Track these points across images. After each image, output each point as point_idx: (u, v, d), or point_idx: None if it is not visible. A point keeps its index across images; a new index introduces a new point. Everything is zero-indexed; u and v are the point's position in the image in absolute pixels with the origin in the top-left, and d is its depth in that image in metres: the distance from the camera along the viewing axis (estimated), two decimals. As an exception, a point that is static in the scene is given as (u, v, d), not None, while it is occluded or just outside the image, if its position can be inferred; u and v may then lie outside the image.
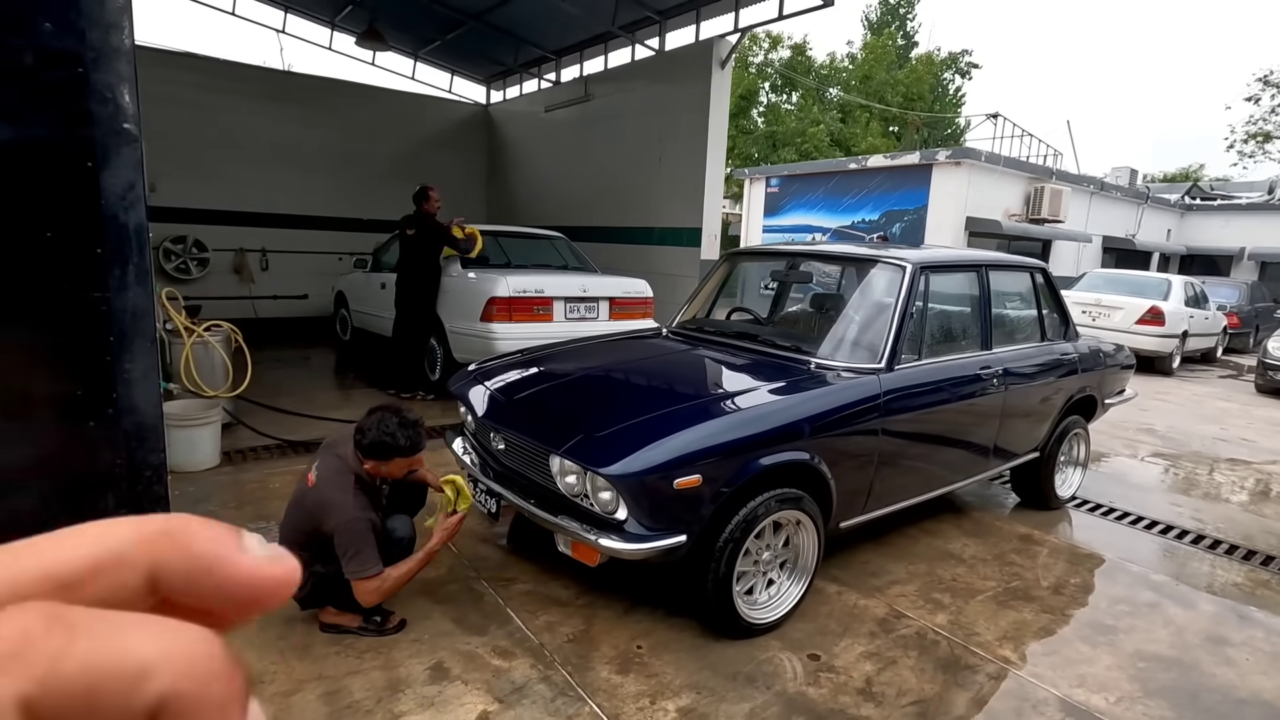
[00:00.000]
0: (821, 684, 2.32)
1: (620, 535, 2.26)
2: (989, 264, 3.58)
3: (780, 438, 2.48)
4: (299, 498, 2.35)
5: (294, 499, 2.38)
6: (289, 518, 2.37)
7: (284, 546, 0.58)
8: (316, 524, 2.26)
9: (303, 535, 2.29)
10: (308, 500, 2.29)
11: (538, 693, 2.18)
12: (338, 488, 2.25)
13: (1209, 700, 2.36)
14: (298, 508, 2.34)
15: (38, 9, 2.13)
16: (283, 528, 2.38)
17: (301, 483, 2.37)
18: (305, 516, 2.29)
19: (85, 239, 2.30)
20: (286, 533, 2.34)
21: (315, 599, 2.36)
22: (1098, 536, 3.78)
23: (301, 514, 2.31)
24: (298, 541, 2.27)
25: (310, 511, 2.28)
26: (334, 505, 2.23)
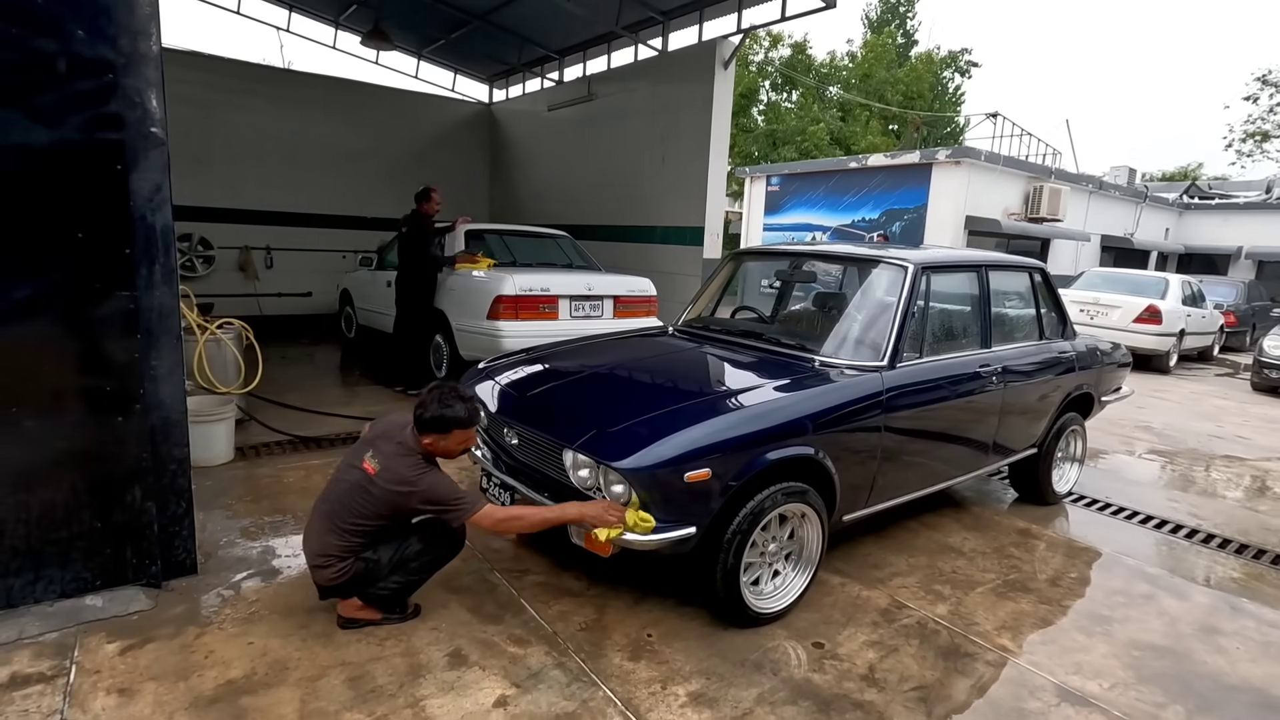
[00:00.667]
0: (826, 670, 2.40)
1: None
2: (989, 264, 3.65)
3: (786, 433, 2.56)
4: (359, 488, 2.36)
5: (346, 490, 2.39)
6: (344, 506, 2.37)
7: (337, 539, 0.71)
8: (396, 504, 2.34)
9: (367, 520, 2.36)
10: (378, 488, 2.33)
11: (553, 678, 2.26)
12: (410, 466, 2.35)
13: (1200, 687, 2.44)
14: (363, 497, 2.35)
15: (71, 16, 2.22)
16: (330, 516, 2.38)
17: (355, 473, 2.39)
18: (377, 501, 2.34)
19: (115, 239, 2.40)
20: (340, 520, 2.35)
21: (351, 588, 2.42)
22: (1094, 531, 3.86)
23: (371, 501, 2.34)
24: (356, 529, 2.35)
25: (385, 495, 2.33)
26: (413, 477, 2.33)
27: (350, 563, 2.37)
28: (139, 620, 2.45)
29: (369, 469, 2.37)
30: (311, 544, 2.42)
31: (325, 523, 2.39)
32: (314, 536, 2.41)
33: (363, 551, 2.38)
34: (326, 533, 2.37)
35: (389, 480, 2.33)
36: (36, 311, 2.33)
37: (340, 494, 2.40)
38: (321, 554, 2.38)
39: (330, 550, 2.37)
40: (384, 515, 2.37)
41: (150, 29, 2.37)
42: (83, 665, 2.19)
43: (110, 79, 2.32)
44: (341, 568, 2.37)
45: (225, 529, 3.20)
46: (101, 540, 2.52)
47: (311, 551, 2.42)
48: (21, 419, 2.33)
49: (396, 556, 2.42)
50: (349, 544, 2.36)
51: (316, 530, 2.41)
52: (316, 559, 2.40)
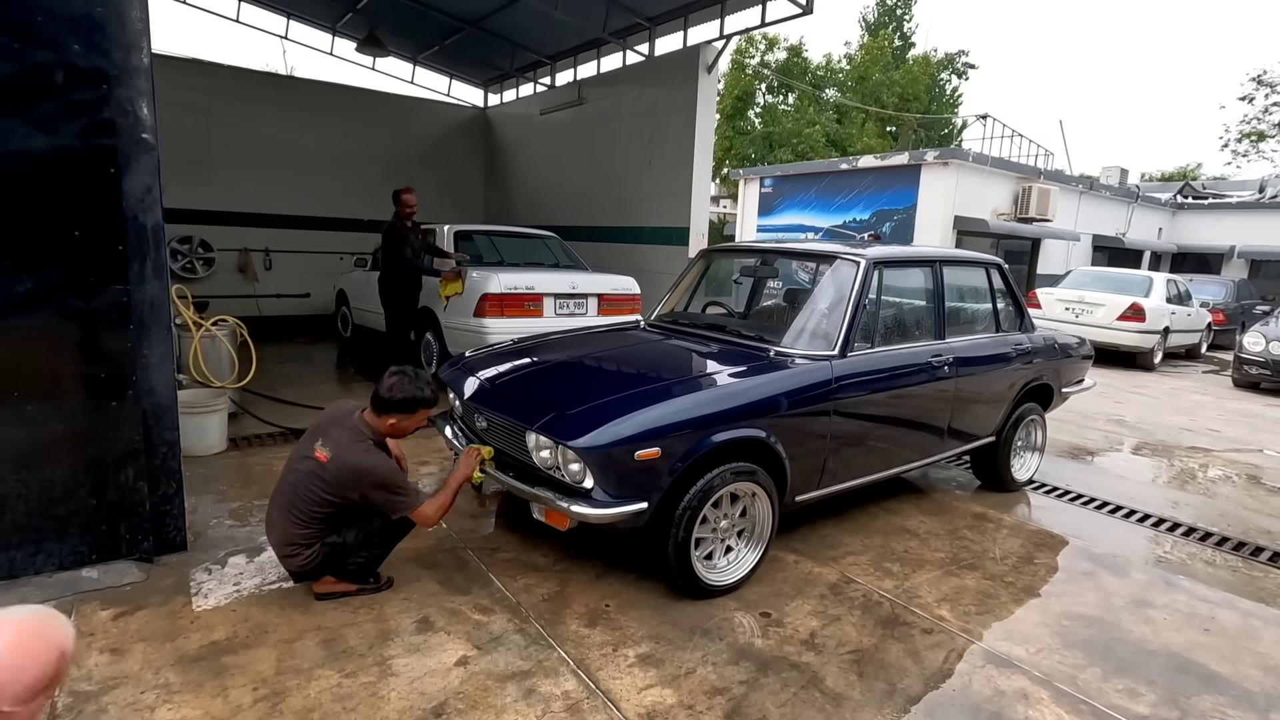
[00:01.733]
0: (769, 636, 2.57)
1: (588, 502, 2.51)
2: (943, 259, 3.83)
3: (734, 417, 2.73)
4: (313, 475, 2.48)
5: (300, 479, 2.50)
6: (300, 496, 2.48)
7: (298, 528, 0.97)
8: (346, 489, 2.47)
9: (324, 507, 2.49)
10: (329, 473, 2.46)
11: (512, 641, 2.44)
12: (362, 452, 2.50)
13: (1121, 651, 2.61)
14: (317, 485, 2.47)
15: (69, 32, 2.42)
16: (287, 508, 2.50)
17: (308, 462, 2.51)
18: (329, 487, 2.47)
19: (108, 237, 2.60)
20: (298, 510, 2.48)
21: (322, 570, 2.59)
22: (1050, 516, 4.02)
23: (323, 486, 2.47)
24: (315, 516, 2.50)
25: (338, 480, 2.46)
26: (366, 465, 2.48)
27: (317, 549, 2.53)
28: (131, 590, 2.64)
29: (321, 457, 2.49)
30: (275, 535, 2.57)
31: (284, 514, 2.52)
32: (276, 528, 2.57)
33: (327, 536, 2.52)
34: (288, 524, 2.51)
35: (341, 466, 2.46)
36: (37, 304, 2.52)
37: (295, 484, 2.51)
38: (287, 544, 2.53)
39: (294, 540, 2.51)
40: (338, 502, 2.50)
41: (141, 42, 2.56)
42: (79, 629, 2.38)
43: (104, 89, 2.52)
44: (309, 554, 2.53)
45: (215, 511, 3.39)
46: (97, 517, 2.71)
47: (277, 542, 2.57)
48: (23, 403, 2.53)
49: (362, 535, 2.58)
50: (311, 531, 2.51)
51: (278, 522, 2.55)
52: (283, 549, 2.55)
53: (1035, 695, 2.31)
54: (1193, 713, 2.27)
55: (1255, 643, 2.72)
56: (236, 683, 2.14)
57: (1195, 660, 2.58)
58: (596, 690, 2.21)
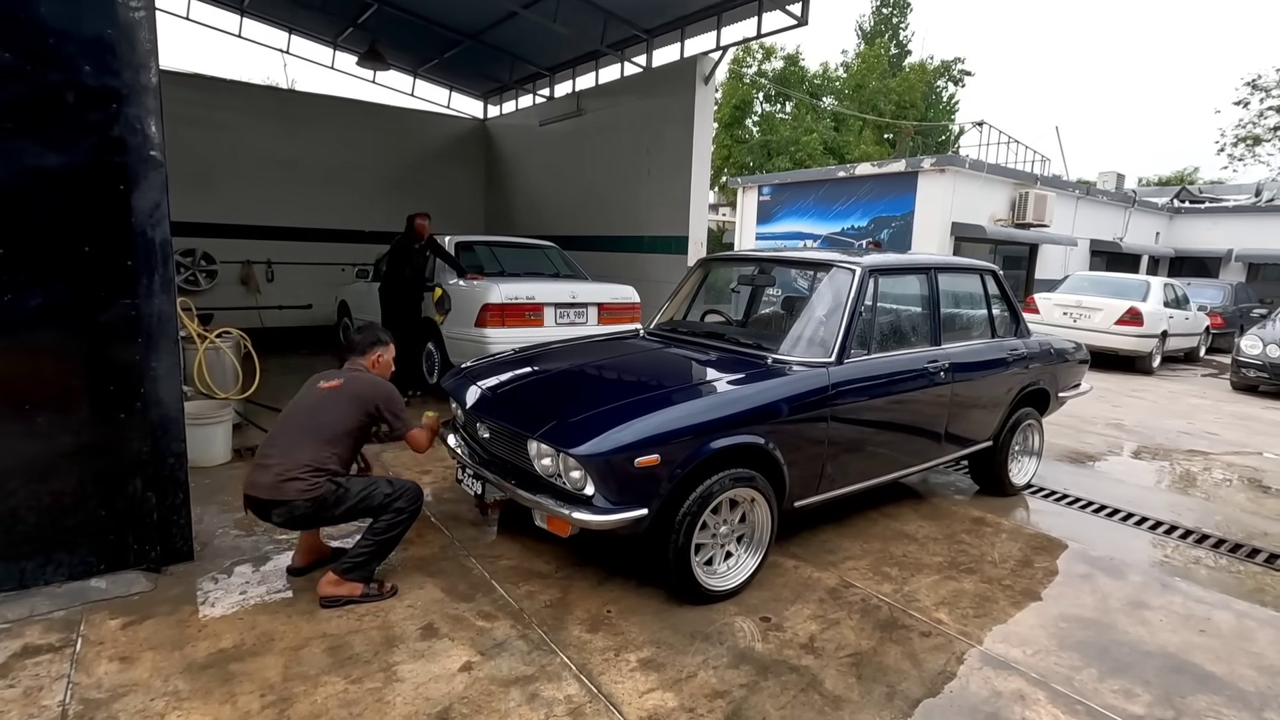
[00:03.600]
0: (769, 640, 2.61)
1: (588, 509, 2.55)
2: (938, 266, 3.87)
3: (734, 423, 2.78)
4: (331, 394, 2.77)
5: (318, 401, 2.77)
6: (322, 411, 2.73)
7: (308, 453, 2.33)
8: (364, 402, 2.77)
9: (346, 422, 2.73)
10: (345, 391, 2.78)
11: (515, 647, 2.48)
12: (370, 379, 2.89)
13: (1117, 652, 2.64)
14: (329, 405, 2.75)
15: (80, 54, 2.49)
16: (307, 429, 2.69)
17: (319, 392, 2.80)
18: (348, 400, 2.76)
19: (118, 252, 2.66)
20: (319, 430, 2.68)
21: (320, 513, 2.64)
22: (1048, 520, 4.05)
23: (342, 402, 2.75)
24: (336, 435, 2.70)
25: (355, 393, 2.78)
26: (379, 382, 2.90)
27: (323, 480, 2.61)
28: (139, 600, 2.68)
29: (333, 385, 2.80)
30: (280, 463, 2.60)
31: (301, 435, 2.67)
32: (283, 454, 2.63)
33: (336, 475, 2.66)
34: (295, 448, 2.63)
35: (357, 382, 2.82)
36: (48, 318, 2.57)
37: (312, 406, 2.76)
38: (293, 468, 2.58)
39: (304, 463, 2.60)
40: (349, 421, 2.74)
41: (150, 62, 2.63)
42: (88, 638, 2.42)
43: (114, 108, 2.58)
44: (314, 481, 2.59)
45: (221, 522, 3.43)
46: (106, 527, 2.75)
47: (281, 470, 2.58)
48: (34, 416, 2.57)
49: (365, 492, 2.69)
50: (319, 456, 2.63)
51: (286, 447, 2.64)
52: (287, 474, 2.57)
53: (1032, 696, 2.34)
54: (1187, 712, 2.30)
55: (1250, 643, 2.75)
56: (244, 689, 2.18)
57: (1190, 661, 2.60)
58: (599, 694, 2.24)
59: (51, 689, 2.15)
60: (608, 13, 7.78)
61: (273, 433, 2.76)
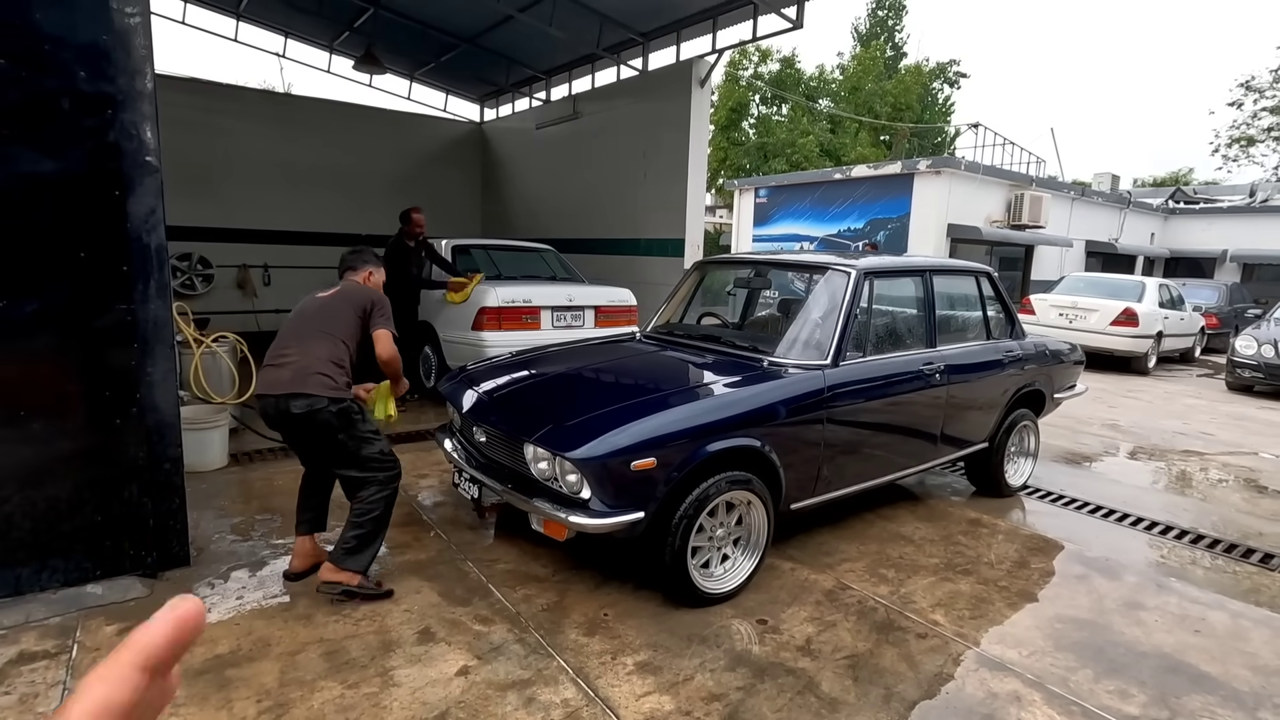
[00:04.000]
0: (766, 643, 2.61)
1: (585, 512, 2.56)
2: (933, 269, 3.89)
3: (730, 426, 2.78)
4: (329, 302, 2.92)
5: (323, 304, 2.92)
6: (329, 312, 2.88)
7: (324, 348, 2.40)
8: (357, 305, 2.91)
9: (351, 322, 2.87)
10: (343, 297, 2.94)
11: (512, 651, 2.48)
12: (362, 287, 3.05)
13: (1113, 653, 2.65)
14: (333, 308, 2.89)
15: (75, 60, 2.49)
16: (320, 330, 2.81)
17: (322, 299, 2.95)
18: (344, 306, 2.90)
19: (113, 258, 2.66)
20: (332, 327, 2.82)
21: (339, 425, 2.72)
22: (1044, 520, 4.06)
23: (342, 307, 2.90)
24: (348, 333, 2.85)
25: (349, 300, 2.92)
26: (368, 289, 3.04)
27: (342, 379, 2.75)
28: (135, 606, 2.67)
29: (330, 293, 2.97)
30: (292, 367, 2.70)
31: (305, 339, 2.78)
32: (293, 359, 2.72)
33: (345, 389, 2.75)
34: (311, 345, 2.75)
35: (350, 290, 2.98)
36: (44, 324, 2.57)
37: (313, 312, 2.90)
38: (309, 366, 2.69)
39: (319, 357, 2.72)
40: (349, 324, 2.87)
41: (145, 68, 2.63)
42: (84, 644, 2.41)
43: (109, 114, 2.58)
44: (335, 380, 2.71)
45: (217, 526, 3.43)
46: (102, 533, 2.75)
47: (295, 370, 2.68)
48: (30, 422, 2.57)
49: (373, 433, 2.82)
50: (335, 353, 2.77)
51: (295, 351, 2.74)
52: (308, 370, 2.68)
53: (1027, 697, 2.34)
54: (1182, 712, 2.31)
55: (1244, 643, 2.76)
56: (241, 695, 2.18)
57: (1185, 661, 2.61)
58: (595, 698, 2.24)
59: (47, 696, 2.14)
60: (603, 16, 7.79)
61: (282, 336, 2.85)
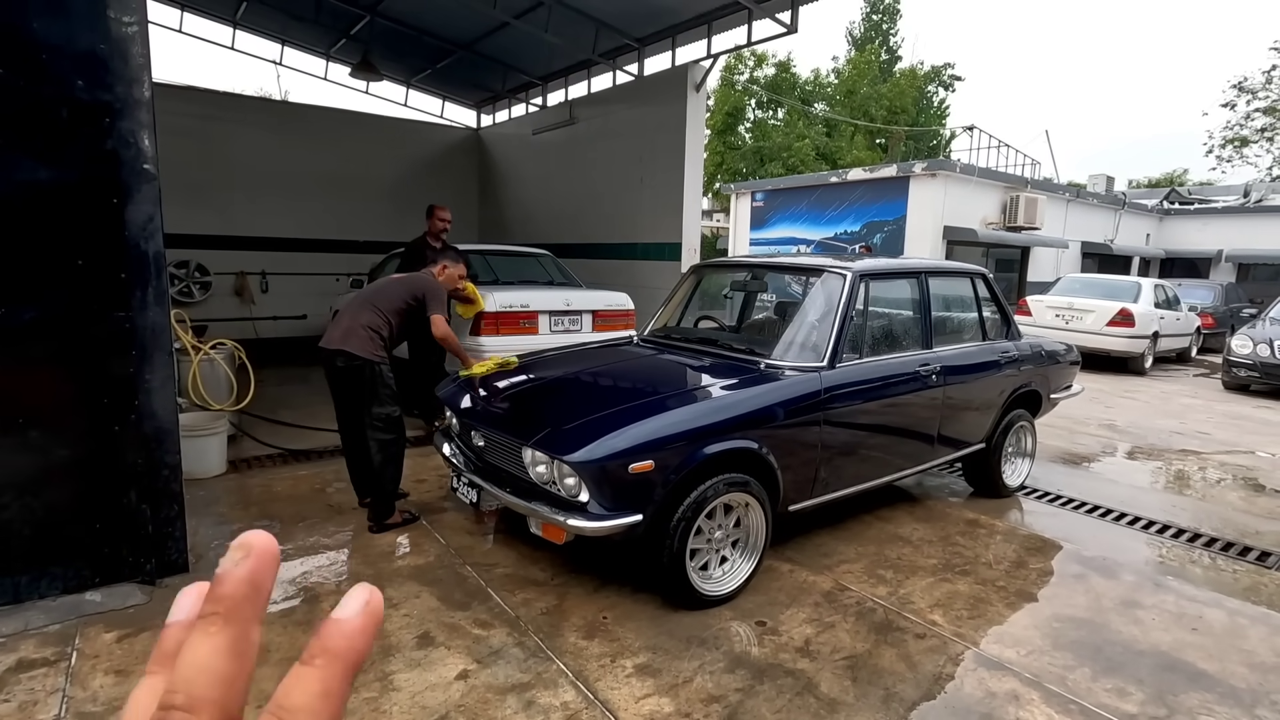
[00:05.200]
0: (765, 644, 2.62)
1: (584, 515, 2.56)
2: (929, 270, 3.91)
3: (727, 428, 2.79)
4: (391, 282, 3.66)
5: (383, 284, 3.67)
6: (381, 292, 3.58)
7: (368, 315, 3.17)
8: (412, 290, 3.58)
9: (398, 303, 3.52)
10: (404, 281, 3.65)
11: (512, 655, 2.48)
12: (425, 277, 3.70)
13: (1110, 652, 2.65)
14: (395, 285, 3.62)
15: (73, 69, 2.50)
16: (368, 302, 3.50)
17: (389, 279, 3.71)
18: (400, 289, 3.58)
19: (111, 265, 2.66)
20: (378, 303, 3.49)
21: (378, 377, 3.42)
22: (1041, 521, 4.07)
23: (398, 289, 3.58)
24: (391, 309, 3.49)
25: (407, 285, 3.61)
26: (428, 280, 3.67)
27: (383, 347, 3.43)
28: (134, 613, 2.67)
29: (399, 276, 3.72)
30: (341, 327, 3.41)
31: (356, 308, 3.49)
32: (344, 323, 3.42)
33: (383, 350, 3.44)
34: (359, 313, 3.45)
35: (413, 277, 3.69)
36: (42, 331, 2.58)
37: (377, 288, 3.66)
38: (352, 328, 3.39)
39: (361, 323, 3.41)
40: (398, 301, 3.52)
41: (142, 76, 2.64)
42: (83, 651, 2.41)
43: (107, 122, 2.59)
44: (372, 339, 3.40)
45: (216, 533, 3.43)
46: (100, 540, 2.75)
47: (342, 330, 3.40)
48: (28, 429, 2.57)
49: (394, 395, 3.49)
50: (375, 321, 3.43)
51: (347, 317, 3.44)
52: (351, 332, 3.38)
53: (1026, 696, 2.35)
54: (1180, 710, 2.32)
55: (1242, 640, 2.77)
56: (240, 701, 2.17)
57: (1183, 659, 2.62)
58: (595, 700, 2.24)
59: (46, 703, 2.14)
60: (599, 22, 7.83)
61: (345, 305, 3.61)
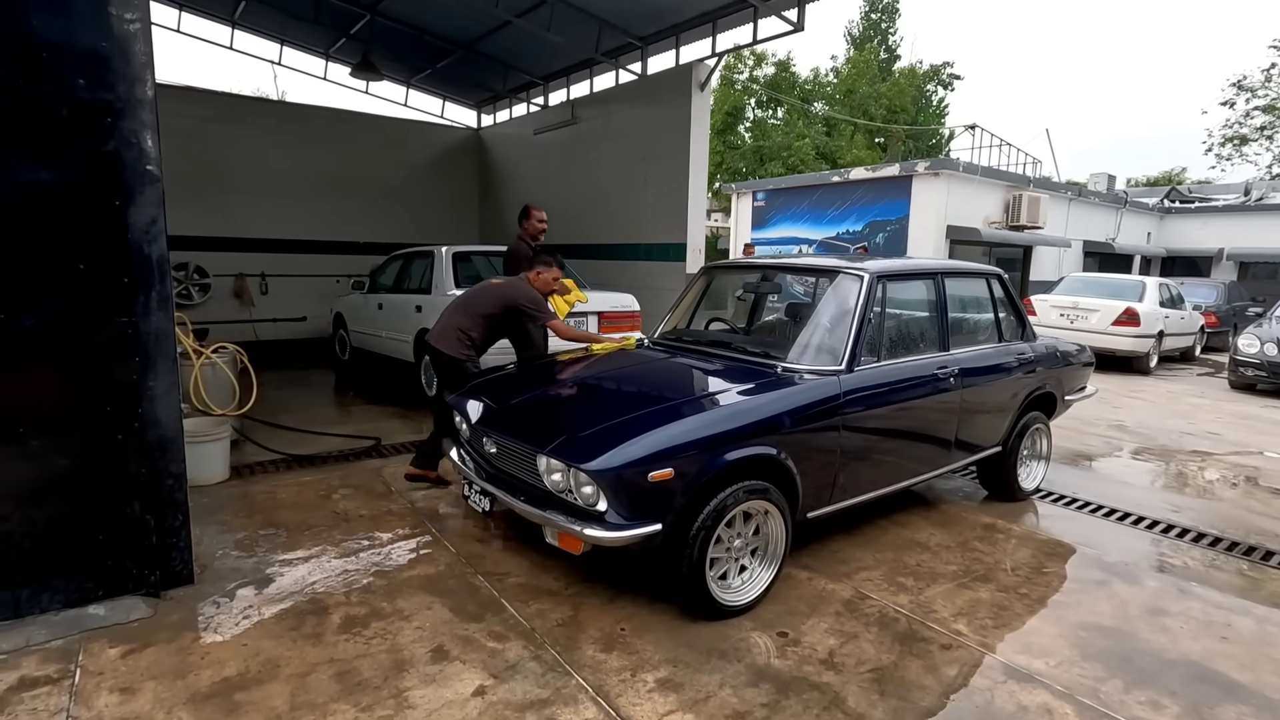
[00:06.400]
0: (788, 656, 2.55)
1: (601, 525, 2.49)
2: (945, 271, 3.84)
3: (746, 434, 2.73)
4: (488, 288, 4.01)
5: (479, 290, 4.03)
6: (474, 298, 3.98)
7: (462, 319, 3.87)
8: (504, 300, 3.92)
9: (490, 309, 3.91)
10: (498, 289, 3.98)
11: (529, 669, 2.41)
12: (520, 285, 4.00)
13: (1140, 662, 2.59)
14: (486, 295, 3.97)
15: (74, 67, 2.43)
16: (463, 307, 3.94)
17: (487, 285, 4.06)
18: (493, 297, 3.94)
19: (114, 270, 2.59)
20: (470, 309, 3.91)
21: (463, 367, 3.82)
22: (1059, 525, 4.01)
23: (491, 296, 3.95)
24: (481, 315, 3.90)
25: (499, 294, 3.95)
26: (522, 289, 3.96)
27: (470, 348, 3.85)
28: (139, 627, 2.60)
29: (496, 283, 4.03)
30: (438, 327, 3.92)
31: (454, 311, 3.93)
32: (443, 324, 3.91)
33: (473, 352, 3.87)
34: (455, 317, 3.89)
35: (508, 285, 3.99)
36: (43, 338, 2.50)
37: (474, 293, 4.01)
38: (446, 330, 3.86)
39: (455, 326, 3.86)
40: (489, 308, 3.90)
41: (145, 75, 2.57)
42: (87, 668, 2.34)
43: (109, 122, 2.52)
44: (461, 340, 3.85)
45: (220, 542, 3.35)
46: (103, 552, 2.68)
47: (439, 330, 3.90)
48: (29, 439, 2.50)
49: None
50: (465, 324, 3.86)
51: (446, 318, 3.92)
52: (445, 333, 3.86)
53: (1059, 710, 2.29)
54: (1217, 723, 2.26)
55: (1273, 649, 2.71)
56: (251, 720, 2.11)
57: (1215, 669, 2.56)
58: (617, 717, 2.18)
59: (50, 724, 2.07)
60: (602, 21, 7.77)
61: (448, 305, 4.04)
